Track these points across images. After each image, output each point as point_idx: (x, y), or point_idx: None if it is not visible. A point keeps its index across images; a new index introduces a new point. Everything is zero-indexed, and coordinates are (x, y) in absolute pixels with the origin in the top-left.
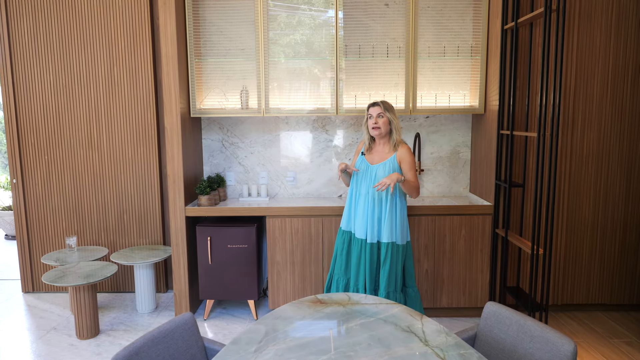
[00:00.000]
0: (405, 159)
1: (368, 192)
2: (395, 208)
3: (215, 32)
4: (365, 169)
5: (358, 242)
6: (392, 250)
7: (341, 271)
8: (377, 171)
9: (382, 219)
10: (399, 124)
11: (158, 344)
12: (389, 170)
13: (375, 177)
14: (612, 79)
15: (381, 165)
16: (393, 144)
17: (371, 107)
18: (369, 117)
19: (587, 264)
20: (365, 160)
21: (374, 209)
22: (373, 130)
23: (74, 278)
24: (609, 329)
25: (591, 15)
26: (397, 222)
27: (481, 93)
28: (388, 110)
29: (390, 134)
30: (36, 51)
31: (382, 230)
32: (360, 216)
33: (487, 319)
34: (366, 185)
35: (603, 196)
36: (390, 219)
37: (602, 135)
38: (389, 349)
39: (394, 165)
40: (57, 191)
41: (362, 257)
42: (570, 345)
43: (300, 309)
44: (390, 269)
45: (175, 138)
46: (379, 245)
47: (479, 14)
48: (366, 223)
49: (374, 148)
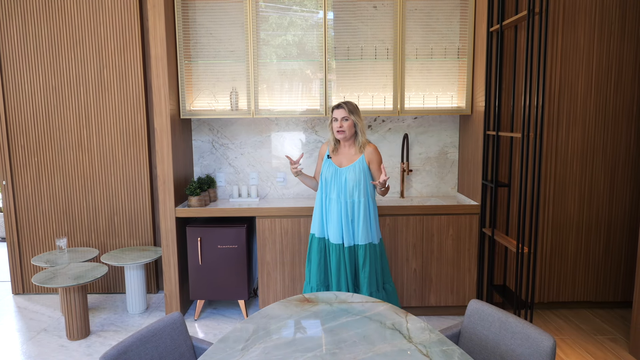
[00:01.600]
0: (373, 159)
1: (339, 196)
2: (369, 209)
3: (205, 34)
4: (334, 172)
5: (335, 248)
6: (370, 251)
7: (320, 280)
8: (346, 174)
9: (356, 221)
10: (364, 125)
11: (146, 343)
12: (358, 173)
13: (345, 180)
14: (596, 79)
15: (350, 168)
16: (359, 146)
17: (335, 110)
18: (333, 120)
19: (572, 262)
20: (332, 164)
21: (347, 213)
22: (338, 134)
23: (64, 279)
24: (594, 326)
25: (575, 18)
26: (372, 222)
27: (468, 94)
28: (352, 112)
29: (355, 135)
30: (26, 53)
31: (358, 233)
32: (334, 221)
33: (470, 317)
34: (337, 189)
35: (588, 195)
36: (365, 221)
37: (586, 135)
38: (374, 346)
39: (363, 166)
40: (47, 193)
41: (342, 262)
42: (549, 340)
43: (288, 308)
44: (370, 269)
45: (165, 139)
46: (356, 248)
47: (465, 16)
48: (341, 227)
49: (339, 150)
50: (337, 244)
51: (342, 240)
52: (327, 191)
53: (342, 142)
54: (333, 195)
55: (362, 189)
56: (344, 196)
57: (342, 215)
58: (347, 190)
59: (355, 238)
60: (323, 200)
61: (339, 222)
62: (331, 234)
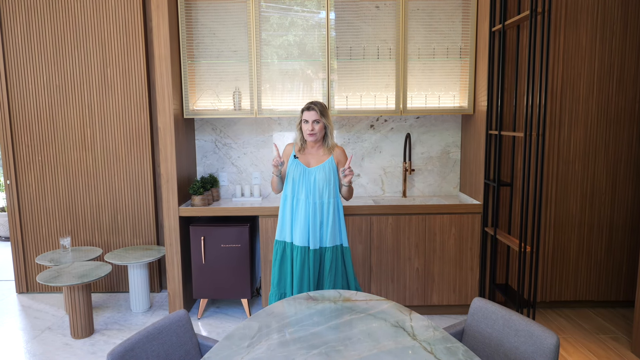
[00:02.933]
0: (342, 160)
1: (308, 197)
2: (337, 210)
3: (208, 34)
4: (302, 172)
5: (300, 250)
6: (337, 254)
7: (273, 285)
8: (316, 174)
9: (325, 223)
10: (333, 127)
11: (153, 340)
12: (328, 173)
13: (315, 180)
14: (598, 79)
15: (320, 168)
16: (327, 147)
17: (306, 112)
18: (304, 122)
19: (574, 261)
20: (300, 164)
21: (315, 214)
22: (309, 137)
23: (68, 278)
24: (596, 325)
25: (577, 17)
26: (341, 224)
27: (470, 94)
28: (323, 115)
29: (325, 137)
30: (29, 53)
31: (327, 235)
32: (300, 222)
33: (474, 315)
34: (305, 189)
35: (590, 195)
36: (334, 222)
37: (588, 135)
38: (378, 343)
39: (332, 166)
40: (51, 192)
41: (305, 265)
42: (553, 338)
43: (292, 306)
44: (337, 273)
45: (169, 138)
46: (322, 250)
47: (467, 16)
48: (308, 229)
49: (306, 150)
50: (302, 247)
51: (308, 243)
52: (295, 192)
53: (312, 143)
54: (302, 195)
55: (332, 190)
56: (313, 196)
57: (309, 216)
58: (316, 191)
59: (323, 240)
60: (290, 201)
61: (305, 224)
62: (296, 236)
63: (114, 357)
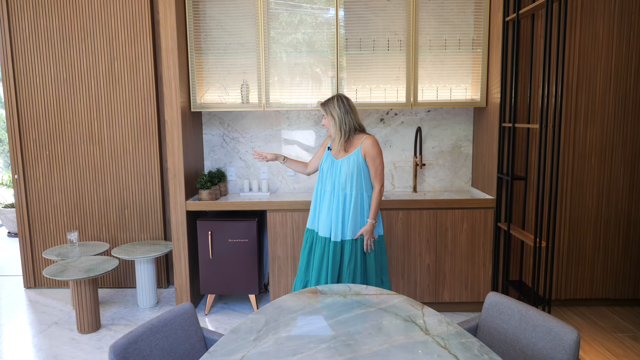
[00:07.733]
0: (369, 152)
1: (334, 189)
2: (360, 205)
3: (216, 26)
4: (331, 163)
5: (322, 241)
6: (358, 248)
7: (300, 272)
8: (341, 166)
9: (346, 215)
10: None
11: (157, 333)
12: (352, 165)
13: (340, 171)
14: (615, 72)
15: (345, 160)
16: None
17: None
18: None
19: (590, 258)
20: (330, 155)
21: (339, 207)
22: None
23: (75, 272)
24: (613, 323)
25: (594, 8)
26: (364, 218)
27: (483, 86)
28: (327, 112)
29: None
30: (37, 46)
31: (347, 228)
32: (324, 213)
33: (489, 310)
34: (331, 181)
35: (606, 190)
36: (354, 215)
37: (605, 129)
38: (390, 338)
39: (358, 159)
40: (59, 186)
41: (325, 256)
42: (573, 334)
43: (300, 300)
44: (356, 266)
45: (176, 132)
46: (343, 243)
47: (480, 6)
48: (330, 221)
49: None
50: (325, 237)
51: (330, 234)
52: (322, 183)
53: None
54: (328, 187)
55: (355, 182)
56: (337, 188)
57: (333, 208)
58: (340, 182)
59: (344, 233)
60: (318, 192)
61: (329, 215)
62: (321, 226)
63: (116, 349)
